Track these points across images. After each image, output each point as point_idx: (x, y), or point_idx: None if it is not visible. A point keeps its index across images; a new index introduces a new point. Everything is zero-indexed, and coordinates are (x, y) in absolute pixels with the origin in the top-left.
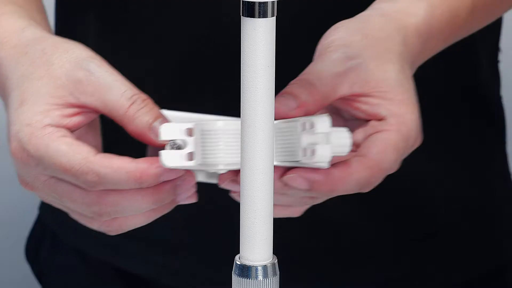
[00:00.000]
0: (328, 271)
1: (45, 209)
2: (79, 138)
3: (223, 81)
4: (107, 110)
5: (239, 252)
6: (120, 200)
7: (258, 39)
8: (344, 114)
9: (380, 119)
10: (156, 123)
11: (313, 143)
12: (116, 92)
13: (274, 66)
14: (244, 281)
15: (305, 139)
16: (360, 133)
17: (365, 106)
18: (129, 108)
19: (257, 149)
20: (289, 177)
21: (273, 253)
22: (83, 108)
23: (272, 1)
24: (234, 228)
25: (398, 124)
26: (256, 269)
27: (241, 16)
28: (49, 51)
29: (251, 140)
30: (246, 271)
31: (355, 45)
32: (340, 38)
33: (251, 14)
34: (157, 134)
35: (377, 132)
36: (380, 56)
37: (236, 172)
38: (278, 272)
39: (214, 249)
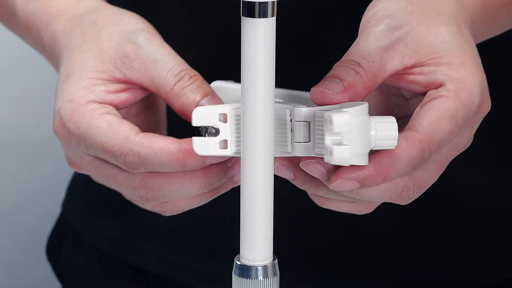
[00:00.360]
0: (354, 276)
1: (68, 206)
2: (132, 117)
3: None
4: (153, 87)
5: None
6: (167, 184)
7: (258, 39)
8: (404, 92)
9: (437, 86)
10: (204, 101)
11: (334, 142)
12: (163, 67)
13: (274, 66)
14: (244, 281)
15: (327, 137)
16: (418, 108)
17: (421, 77)
18: (175, 85)
19: (257, 149)
20: (336, 184)
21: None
22: (129, 84)
23: (272, 1)
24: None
25: (457, 90)
26: (256, 269)
27: (241, 16)
28: (100, 23)
29: (251, 140)
30: (246, 271)
31: (400, 13)
32: (382, 9)
33: (251, 14)
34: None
35: (431, 100)
36: (430, 19)
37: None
38: (278, 272)
39: (235, 249)
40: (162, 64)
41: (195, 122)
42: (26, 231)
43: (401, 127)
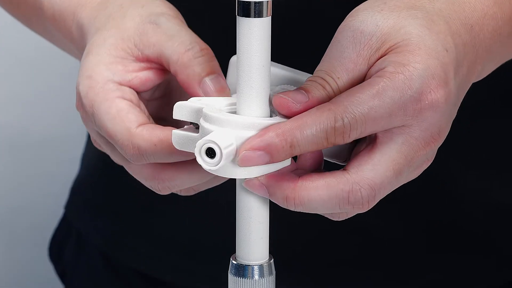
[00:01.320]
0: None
1: (71, 207)
2: (155, 100)
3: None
4: (164, 59)
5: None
6: (177, 175)
7: (253, 38)
8: None
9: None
10: (207, 79)
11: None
12: (176, 40)
13: (270, 66)
14: (240, 280)
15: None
16: None
17: (374, 69)
18: (183, 54)
19: None
20: (242, 158)
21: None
22: (148, 63)
23: (267, 1)
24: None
25: (393, 72)
26: (252, 269)
27: (237, 16)
28: (126, 5)
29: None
30: (242, 270)
31: (368, 13)
32: (354, 12)
33: (246, 14)
34: (206, 91)
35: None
36: (399, 14)
37: None
38: (274, 272)
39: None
40: (176, 37)
41: (175, 115)
42: (29, 231)
43: None
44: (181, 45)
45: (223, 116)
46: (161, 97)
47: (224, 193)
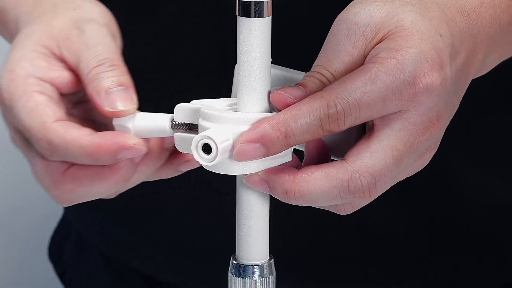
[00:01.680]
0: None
1: (71, 208)
2: (77, 103)
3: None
4: (78, 70)
5: None
6: (76, 188)
7: (254, 38)
8: None
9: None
10: (115, 89)
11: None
12: (92, 52)
13: (270, 66)
14: (241, 280)
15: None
16: None
17: (368, 57)
18: (93, 69)
19: None
20: (237, 152)
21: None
22: (66, 64)
23: (267, 1)
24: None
25: (386, 57)
26: (253, 269)
27: (237, 16)
28: (60, 5)
29: None
30: (242, 270)
31: (362, 7)
32: (351, 6)
33: (247, 14)
34: (111, 101)
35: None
36: (392, 3)
37: None
38: (274, 272)
39: None
40: (93, 49)
41: (175, 117)
42: (29, 231)
43: None
44: (94, 60)
45: (219, 113)
46: (81, 103)
47: (224, 194)
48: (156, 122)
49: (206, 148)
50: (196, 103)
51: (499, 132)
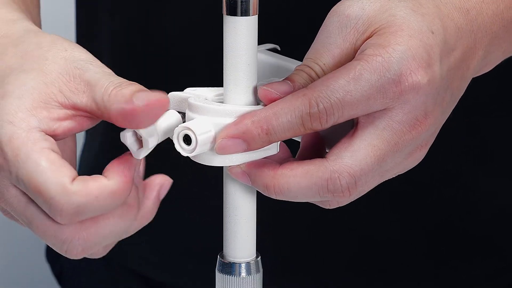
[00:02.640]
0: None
1: None
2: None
3: None
4: (94, 104)
5: None
6: (100, 231)
7: (239, 37)
8: None
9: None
10: (141, 91)
11: None
12: (105, 81)
13: (256, 64)
14: (228, 278)
15: None
16: None
17: (357, 52)
18: (113, 90)
19: None
20: (219, 146)
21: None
22: (73, 110)
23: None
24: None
25: (371, 55)
26: (239, 266)
27: (223, 15)
28: (46, 47)
29: None
30: (229, 268)
31: (355, 0)
32: (340, 4)
33: (233, 13)
34: (143, 100)
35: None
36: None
37: None
38: (261, 269)
39: None
40: (104, 78)
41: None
42: (26, 231)
43: None
44: (110, 85)
45: (203, 104)
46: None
47: (222, 195)
48: (170, 116)
49: (187, 139)
50: (189, 92)
51: (500, 134)
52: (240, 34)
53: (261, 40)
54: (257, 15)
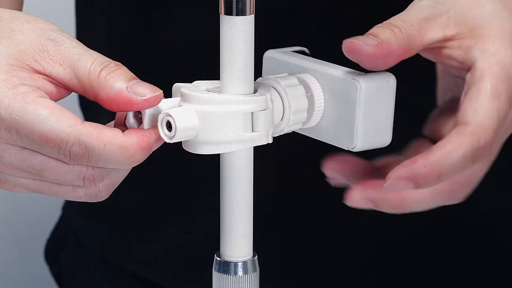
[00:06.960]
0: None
1: (68, 209)
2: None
3: None
4: (76, 79)
5: None
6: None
7: (235, 37)
8: (461, 73)
9: (470, 64)
10: (134, 82)
11: None
12: (87, 58)
13: (253, 64)
14: (224, 277)
15: None
16: (462, 96)
17: (457, 52)
18: (100, 72)
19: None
20: (389, 185)
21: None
22: (50, 78)
23: None
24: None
25: (490, 67)
26: (236, 265)
27: (220, 14)
28: (7, 19)
29: None
30: (226, 267)
31: None
32: None
33: (229, 12)
34: (138, 93)
35: (470, 87)
36: None
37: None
38: (258, 268)
39: None
40: (86, 56)
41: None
42: (26, 232)
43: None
44: (95, 64)
45: (189, 92)
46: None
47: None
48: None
49: (169, 125)
50: (195, 84)
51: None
52: (236, 33)
53: (261, 40)
54: (253, 15)
